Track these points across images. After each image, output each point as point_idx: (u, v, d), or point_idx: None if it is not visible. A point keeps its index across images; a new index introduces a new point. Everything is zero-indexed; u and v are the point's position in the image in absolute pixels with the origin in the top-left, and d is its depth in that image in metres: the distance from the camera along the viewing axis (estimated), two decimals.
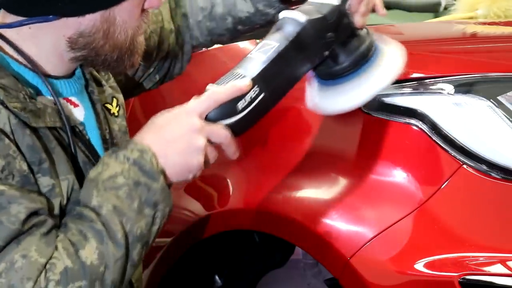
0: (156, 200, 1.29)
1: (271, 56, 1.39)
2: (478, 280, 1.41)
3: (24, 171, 1.25)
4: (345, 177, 1.58)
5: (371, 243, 1.49)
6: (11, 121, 1.26)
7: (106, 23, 1.36)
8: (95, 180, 1.29)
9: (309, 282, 1.93)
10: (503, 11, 2.44)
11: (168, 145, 1.32)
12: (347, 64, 1.47)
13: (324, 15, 1.44)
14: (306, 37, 1.42)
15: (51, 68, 1.39)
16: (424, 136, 1.52)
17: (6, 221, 1.19)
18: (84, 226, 1.25)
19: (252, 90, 1.34)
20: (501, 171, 1.47)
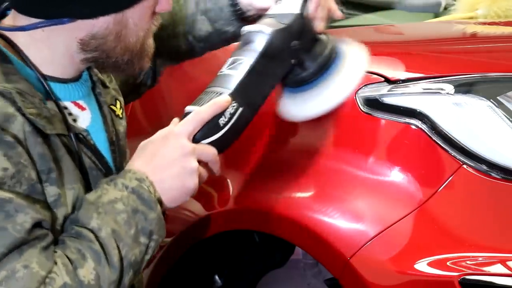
0: (152, 230, 1.31)
1: (243, 71, 1.44)
2: (478, 280, 1.41)
3: (32, 180, 1.25)
4: (345, 177, 1.58)
5: (371, 243, 1.49)
6: (25, 129, 1.26)
7: (119, 25, 1.37)
8: (95, 203, 1.30)
9: (309, 282, 1.93)
10: (503, 11, 2.44)
11: (164, 171, 1.35)
12: (313, 69, 1.52)
13: (287, 24, 1.49)
14: (274, 48, 1.47)
15: (61, 70, 1.39)
16: (424, 136, 1.52)
17: (11, 229, 1.19)
18: (83, 245, 1.26)
19: (230, 106, 1.39)
20: (501, 171, 1.47)
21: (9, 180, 1.22)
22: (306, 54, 1.52)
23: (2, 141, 1.22)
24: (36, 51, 1.36)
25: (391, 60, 1.68)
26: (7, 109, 1.25)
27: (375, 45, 1.94)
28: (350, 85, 1.53)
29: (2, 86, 1.26)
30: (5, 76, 1.28)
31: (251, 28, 1.51)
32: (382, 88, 1.57)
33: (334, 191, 1.58)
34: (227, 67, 1.47)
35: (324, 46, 1.54)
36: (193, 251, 1.84)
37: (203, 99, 1.42)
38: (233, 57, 1.48)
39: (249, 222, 1.71)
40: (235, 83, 1.43)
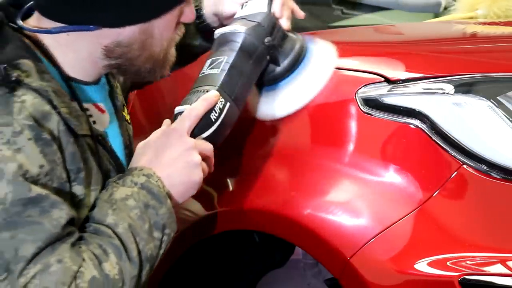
0: (164, 224, 1.34)
1: (225, 67, 1.51)
2: (478, 280, 1.41)
3: (62, 179, 1.27)
4: (345, 177, 1.58)
5: (371, 243, 1.49)
6: (59, 127, 1.28)
7: (144, 34, 1.38)
8: (108, 200, 1.32)
9: (309, 282, 1.94)
10: (503, 11, 2.44)
11: (169, 167, 1.38)
12: (287, 64, 1.60)
13: (258, 22, 1.58)
14: (249, 44, 1.55)
15: (83, 73, 1.40)
16: (424, 136, 1.52)
17: (48, 224, 1.21)
18: (103, 241, 1.28)
19: (219, 101, 1.46)
20: (501, 171, 1.47)
21: (43, 177, 1.24)
22: (278, 50, 1.59)
23: (41, 138, 1.24)
24: (60, 54, 1.37)
25: (391, 60, 1.68)
26: (44, 106, 1.26)
27: (375, 45, 1.94)
28: (321, 80, 1.60)
29: (39, 84, 1.27)
30: (39, 74, 1.29)
31: (225, 30, 1.58)
32: (382, 88, 1.57)
33: (334, 191, 1.58)
34: (208, 68, 1.53)
35: (294, 42, 1.62)
36: (193, 250, 1.84)
37: (191, 99, 1.47)
38: (211, 58, 1.55)
39: (249, 222, 1.71)
40: (219, 80, 1.49)
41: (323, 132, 1.64)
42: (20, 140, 1.22)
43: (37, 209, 1.21)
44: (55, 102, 1.28)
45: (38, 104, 1.25)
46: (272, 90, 1.62)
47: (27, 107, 1.24)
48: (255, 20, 1.58)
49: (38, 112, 1.25)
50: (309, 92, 1.60)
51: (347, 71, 1.66)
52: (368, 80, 1.59)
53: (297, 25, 2.03)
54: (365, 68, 1.63)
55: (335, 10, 2.74)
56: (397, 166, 1.54)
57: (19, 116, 1.23)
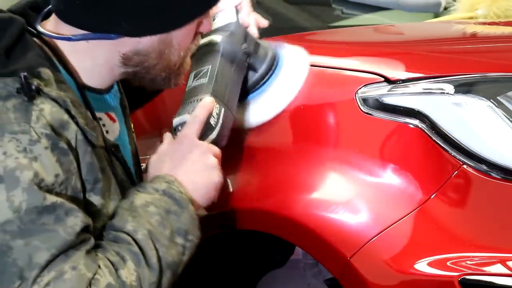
0: (187, 229, 1.34)
1: (212, 75, 1.55)
2: (478, 280, 1.41)
3: (77, 189, 1.27)
4: (345, 177, 1.58)
5: (371, 243, 1.49)
6: (78, 137, 1.27)
7: (163, 44, 1.39)
8: (128, 208, 1.32)
9: (309, 282, 1.93)
10: (503, 11, 2.43)
11: (190, 172, 1.39)
12: (264, 69, 1.66)
13: (231, 31, 1.63)
14: (229, 51, 1.60)
15: (99, 80, 1.40)
16: (424, 136, 1.52)
17: (62, 231, 1.21)
18: (122, 248, 1.27)
19: (215, 107, 1.50)
20: (501, 171, 1.47)
21: (58, 186, 1.23)
22: (254, 57, 1.64)
23: (57, 147, 1.24)
24: (77, 61, 1.37)
25: (391, 60, 1.68)
26: (62, 115, 1.26)
27: (375, 45, 1.94)
28: (297, 84, 1.64)
29: (57, 93, 1.26)
30: (57, 83, 1.29)
31: (202, 41, 1.60)
32: (382, 88, 1.57)
33: (334, 191, 1.58)
34: (194, 80, 1.56)
35: (267, 49, 1.67)
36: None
37: (186, 110, 1.49)
38: (194, 71, 1.58)
39: (249, 222, 1.71)
40: (210, 87, 1.52)
41: (323, 132, 1.64)
42: (36, 148, 1.22)
43: (52, 216, 1.20)
44: (73, 112, 1.27)
45: (56, 113, 1.25)
46: (256, 96, 1.67)
47: (45, 115, 1.24)
48: (228, 29, 1.63)
49: (56, 121, 1.25)
50: (291, 92, 1.64)
51: (347, 71, 1.66)
52: (368, 80, 1.59)
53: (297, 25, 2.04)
54: (365, 68, 1.63)
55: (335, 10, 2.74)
56: (397, 166, 1.54)
57: (36, 124, 1.23)
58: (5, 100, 1.23)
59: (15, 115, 1.23)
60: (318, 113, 1.63)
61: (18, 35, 1.30)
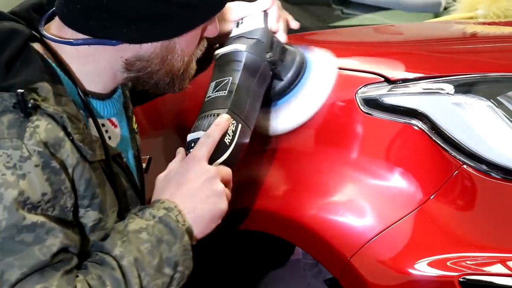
0: (177, 260, 1.32)
1: (232, 88, 1.49)
2: (478, 280, 1.41)
3: (65, 208, 1.25)
4: (345, 177, 1.58)
5: (371, 243, 1.49)
6: (74, 154, 1.26)
7: (166, 50, 1.37)
8: (121, 232, 1.31)
9: (309, 282, 1.93)
10: (503, 11, 2.43)
11: (194, 198, 1.36)
12: (290, 77, 1.59)
13: (257, 38, 1.56)
14: (252, 62, 1.53)
15: (102, 85, 1.39)
16: (424, 136, 1.52)
17: (38, 251, 1.20)
18: (104, 272, 1.26)
19: (231, 124, 1.44)
20: (501, 171, 1.47)
21: (44, 204, 1.22)
22: (281, 65, 1.57)
23: (49, 165, 1.22)
24: (80, 66, 1.36)
25: (391, 60, 1.68)
26: (58, 133, 1.25)
27: (375, 45, 1.94)
28: (326, 89, 1.59)
29: (54, 109, 1.25)
30: (56, 97, 1.27)
31: (225, 50, 1.55)
32: (382, 88, 1.57)
33: (334, 191, 1.58)
34: (214, 91, 1.50)
35: (294, 54, 1.60)
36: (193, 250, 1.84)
37: (202, 125, 1.44)
38: (215, 80, 1.52)
39: (249, 222, 1.70)
40: (228, 102, 1.47)
41: (323, 132, 1.64)
42: (26, 165, 1.21)
43: (31, 235, 1.20)
44: (69, 129, 1.26)
45: (51, 130, 1.24)
46: (280, 105, 1.61)
47: (40, 132, 1.22)
48: (253, 37, 1.56)
49: (50, 138, 1.23)
50: (316, 101, 1.59)
51: (347, 71, 1.66)
52: (368, 80, 1.59)
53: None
54: (365, 68, 1.63)
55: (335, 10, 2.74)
56: (397, 166, 1.54)
57: (29, 141, 1.21)
58: (0, 115, 1.23)
59: (9, 131, 1.22)
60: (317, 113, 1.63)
61: (20, 48, 1.29)
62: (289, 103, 1.60)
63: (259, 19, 1.60)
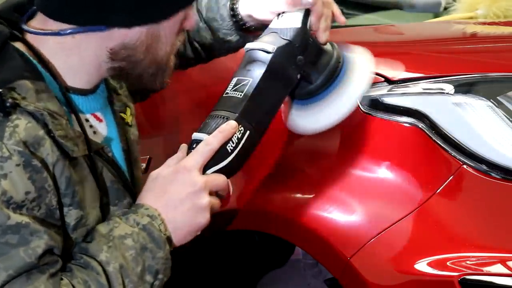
0: (158, 269, 1.32)
1: (248, 92, 1.41)
2: (478, 280, 1.41)
3: (52, 206, 1.25)
4: (345, 177, 1.58)
5: (371, 243, 1.49)
6: (54, 152, 1.25)
7: (151, 37, 1.36)
8: (106, 236, 1.30)
9: (309, 282, 1.94)
10: (503, 11, 2.44)
11: (175, 209, 1.35)
12: (320, 82, 1.50)
13: (290, 40, 1.46)
14: (278, 66, 1.44)
15: (86, 79, 1.38)
16: (424, 136, 1.52)
17: (23, 253, 1.19)
18: (90, 277, 1.26)
19: (237, 131, 1.38)
20: (501, 171, 1.47)
21: (29, 203, 1.22)
22: (312, 67, 1.49)
23: (30, 164, 1.22)
24: (64, 58, 1.35)
25: (391, 60, 1.68)
26: (37, 131, 1.24)
27: (375, 45, 1.94)
28: (359, 93, 1.51)
29: (34, 107, 1.25)
30: (37, 94, 1.27)
31: (254, 46, 1.48)
32: (382, 88, 1.57)
33: (334, 191, 1.58)
34: (232, 89, 1.44)
35: (330, 57, 1.52)
36: (193, 251, 1.84)
37: (209, 124, 1.40)
38: (237, 77, 1.46)
39: (249, 222, 1.70)
40: (241, 106, 1.41)
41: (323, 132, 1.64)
42: (7, 165, 1.20)
43: (16, 236, 1.19)
44: (51, 126, 1.25)
45: (31, 129, 1.23)
46: (301, 104, 1.54)
47: (19, 132, 1.22)
48: (286, 37, 1.47)
49: (31, 137, 1.23)
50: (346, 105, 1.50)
51: None
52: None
53: None
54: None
55: None
56: (397, 166, 1.54)
57: (9, 141, 1.21)
58: None
59: None
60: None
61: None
62: (312, 107, 1.53)
63: (298, 17, 1.50)
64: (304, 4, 1.50)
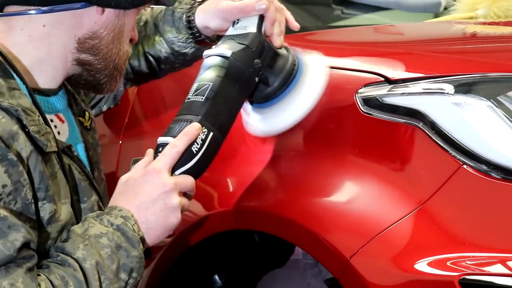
0: (132, 267, 1.35)
1: (209, 96, 1.48)
2: (478, 280, 1.41)
3: (27, 200, 1.27)
4: (345, 177, 1.58)
5: (371, 243, 1.49)
6: (27, 147, 1.28)
7: (116, 29, 1.42)
8: (81, 235, 1.33)
9: (309, 282, 1.94)
10: (503, 11, 2.44)
11: (147, 210, 1.39)
12: (277, 84, 1.57)
13: (246, 45, 1.54)
14: (236, 69, 1.51)
15: (51, 74, 1.42)
16: (424, 136, 1.52)
17: (1, 245, 1.21)
18: (67, 273, 1.28)
19: (201, 133, 1.45)
20: (501, 171, 1.47)
21: (6, 197, 1.24)
22: (269, 71, 1.56)
23: (6, 158, 1.24)
24: (34, 52, 1.39)
25: (391, 60, 1.68)
26: (12, 126, 1.26)
27: (375, 45, 1.94)
28: (314, 95, 1.57)
29: (8, 103, 1.27)
30: (9, 92, 1.30)
31: (212, 52, 1.55)
32: (382, 88, 1.57)
33: (334, 191, 1.58)
34: (193, 94, 1.50)
35: (285, 60, 1.58)
36: (193, 251, 1.84)
37: (174, 128, 1.46)
38: (198, 82, 1.52)
39: (249, 222, 1.71)
40: (203, 109, 1.47)
41: (323, 132, 1.64)
42: None
43: None
44: (25, 121, 1.28)
45: (5, 124, 1.25)
46: (259, 107, 1.60)
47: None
48: (243, 42, 1.55)
49: (5, 132, 1.25)
50: (303, 107, 1.57)
51: (347, 71, 1.66)
52: (368, 80, 1.59)
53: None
54: (365, 68, 1.63)
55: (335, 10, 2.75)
56: (397, 166, 1.54)
57: None
58: None
59: None
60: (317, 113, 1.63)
61: None
62: (270, 110, 1.59)
63: (253, 23, 1.58)
64: (257, 11, 1.57)
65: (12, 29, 1.39)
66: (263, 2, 1.57)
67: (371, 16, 2.74)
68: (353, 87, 1.59)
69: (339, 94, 1.62)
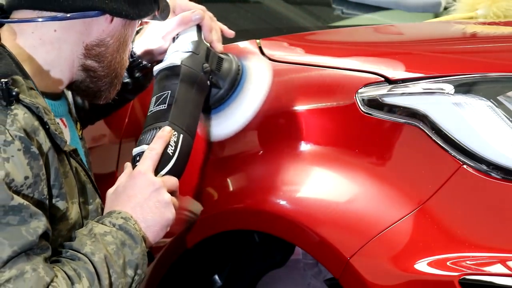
0: (138, 264, 1.38)
1: (171, 101, 1.57)
2: (478, 280, 1.41)
3: (43, 195, 1.30)
4: (345, 177, 1.58)
5: (371, 243, 1.49)
6: (46, 143, 1.32)
7: (120, 38, 1.48)
8: (88, 234, 1.37)
9: (309, 282, 1.94)
10: (503, 11, 2.44)
11: (143, 209, 1.43)
12: (227, 86, 1.67)
13: (192, 51, 1.64)
14: (189, 74, 1.61)
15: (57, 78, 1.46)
16: (424, 136, 1.52)
17: (25, 232, 1.24)
18: (78, 265, 1.31)
19: (172, 136, 1.53)
20: (501, 171, 1.47)
21: (26, 188, 1.27)
22: (217, 74, 1.65)
23: (29, 150, 1.28)
24: (43, 54, 1.43)
25: (391, 60, 1.68)
26: (33, 121, 1.31)
27: (375, 45, 1.94)
28: (260, 96, 1.66)
29: (29, 100, 1.31)
30: (28, 90, 1.34)
31: (161, 66, 1.63)
32: (382, 88, 1.57)
33: (334, 191, 1.58)
34: (154, 105, 1.59)
35: (230, 63, 1.69)
36: (193, 251, 1.84)
37: (145, 139, 1.53)
38: (156, 95, 1.60)
39: (249, 222, 1.71)
40: (169, 114, 1.55)
41: (323, 132, 1.64)
42: (10, 149, 1.25)
43: (16, 217, 1.24)
44: (45, 119, 1.33)
45: (28, 118, 1.29)
46: (214, 113, 1.69)
47: (19, 120, 1.28)
48: (188, 50, 1.64)
49: (28, 126, 1.29)
50: (257, 101, 1.66)
51: (347, 71, 1.66)
52: (368, 80, 1.59)
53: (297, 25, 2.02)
54: (365, 68, 1.63)
55: (335, 10, 2.75)
56: (397, 166, 1.54)
57: (11, 127, 1.27)
58: None
59: None
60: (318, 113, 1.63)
61: None
62: (229, 109, 1.68)
63: (193, 32, 1.67)
64: (194, 20, 1.67)
65: (23, 32, 1.43)
66: (198, 12, 1.67)
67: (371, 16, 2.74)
68: (353, 87, 1.59)
69: (339, 94, 1.62)
